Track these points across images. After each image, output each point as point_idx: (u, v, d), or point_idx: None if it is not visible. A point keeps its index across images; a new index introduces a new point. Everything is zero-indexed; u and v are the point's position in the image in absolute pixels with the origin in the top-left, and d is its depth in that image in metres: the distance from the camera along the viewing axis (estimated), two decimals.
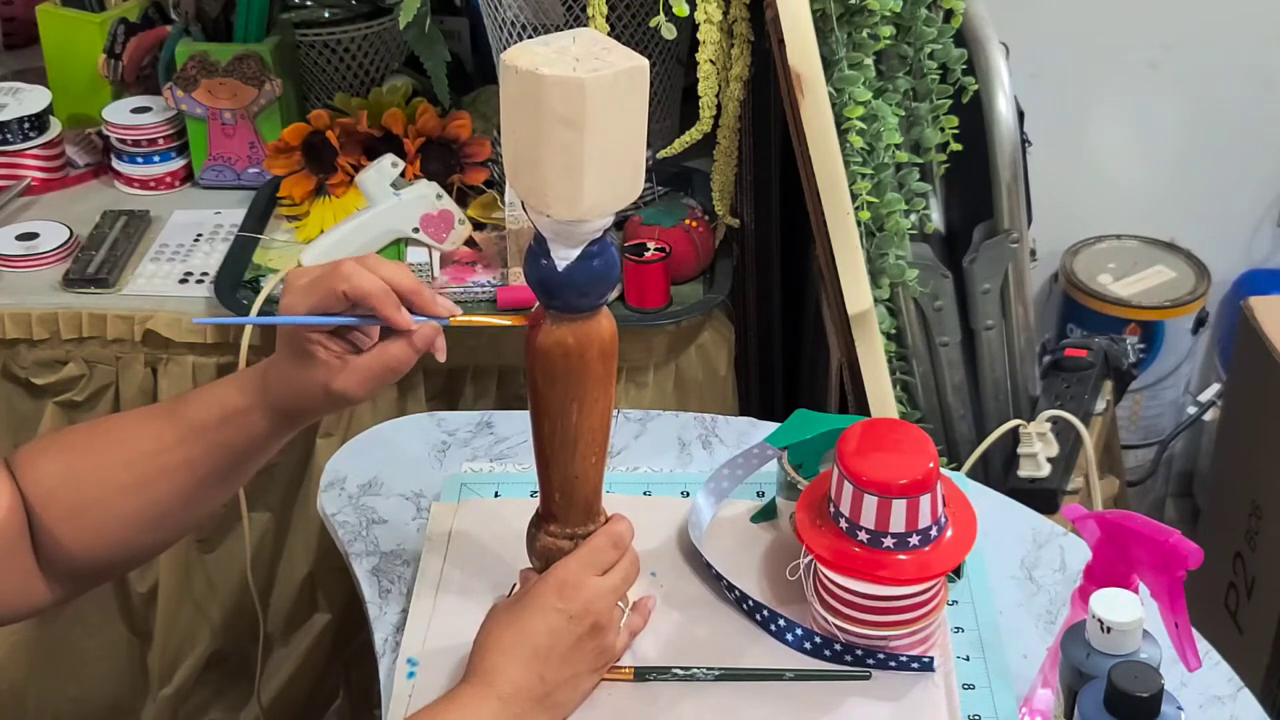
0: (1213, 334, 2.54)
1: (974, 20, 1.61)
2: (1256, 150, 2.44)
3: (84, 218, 1.84)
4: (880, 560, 1.06)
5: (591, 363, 1.02)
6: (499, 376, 1.69)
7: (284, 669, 1.86)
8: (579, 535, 1.08)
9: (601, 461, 1.08)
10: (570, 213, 0.96)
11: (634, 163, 0.97)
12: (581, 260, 0.98)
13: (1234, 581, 1.96)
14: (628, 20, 1.68)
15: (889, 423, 1.14)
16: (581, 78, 0.91)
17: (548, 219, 0.97)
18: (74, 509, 1.07)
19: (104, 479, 1.08)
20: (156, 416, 1.10)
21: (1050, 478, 1.68)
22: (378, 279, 1.01)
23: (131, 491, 1.08)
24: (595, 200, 0.95)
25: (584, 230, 0.97)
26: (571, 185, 0.94)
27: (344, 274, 1.01)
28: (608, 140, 0.93)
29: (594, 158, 0.93)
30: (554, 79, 0.91)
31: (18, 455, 1.09)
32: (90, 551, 1.09)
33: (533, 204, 0.98)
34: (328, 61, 1.94)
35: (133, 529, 1.09)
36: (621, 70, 0.92)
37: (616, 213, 0.98)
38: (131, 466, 1.08)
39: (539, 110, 0.92)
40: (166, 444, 1.07)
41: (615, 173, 0.96)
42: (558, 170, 0.94)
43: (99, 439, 1.11)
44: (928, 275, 1.61)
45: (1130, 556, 1.00)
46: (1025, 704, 1.08)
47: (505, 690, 1.01)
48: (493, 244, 1.72)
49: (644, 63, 0.93)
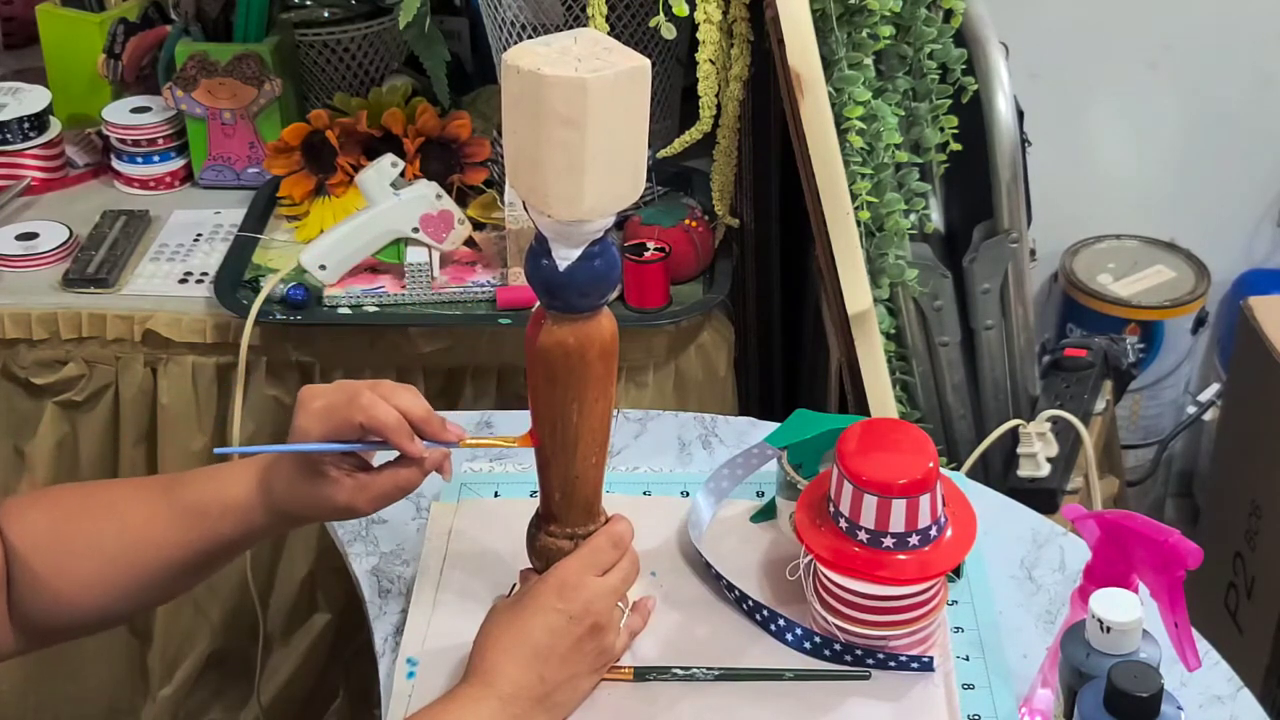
0: (1212, 334, 2.54)
1: (974, 20, 1.61)
2: (1256, 150, 2.44)
3: (84, 217, 1.84)
4: (880, 560, 1.06)
5: (592, 363, 1.02)
6: (499, 376, 1.69)
7: (284, 669, 1.86)
8: (579, 535, 1.08)
9: (602, 462, 1.07)
10: (571, 213, 0.96)
11: (635, 163, 0.97)
12: (582, 260, 0.98)
13: (1234, 581, 1.96)
14: (627, 20, 1.68)
15: (889, 423, 1.14)
16: (584, 78, 0.91)
17: (548, 219, 0.97)
18: (58, 568, 1.07)
19: (92, 543, 1.08)
20: (153, 491, 1.11)
21: (1050, 478, 1.68)
22: (394, 412, 1.04)
23: (118, 560, 1.08)
24: (596, 201, 0.95)
25: (585, 230, 0.97)
26: (572, 185, 0.94)
27: (361, 405, 1.04)
28: (609, 140, 0.93)
29: (595, 158, 0.93)
30: (556, 79, 0.91)
31: (6, 504, 1.09)
32: (64, 610, 1.09)
33: (533, 204, 0.97)
34: (327, 61, 1.94)
35: (111, 596, 1.09)
36: (623, 70, 0.92)
37: (617, 213, 0.98)
38: (121, 536, 1.09)
39: (540, 110, 0.92)
40: (160, 522, 1.09)
41: (616, 173, 0.96)
42: (558, 170, 0.94)
43: (92, 502, 1.11)
44: (927, 275, 1.61)
45: (1130, 556, 1.00)
46: (1025, 704, 1.08)
47: (505, 690, 1.01)
48: (492, 244, 1.72)
49: (645, 63, 0.93)
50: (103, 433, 1.74)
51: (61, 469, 1.74)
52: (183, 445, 1.71)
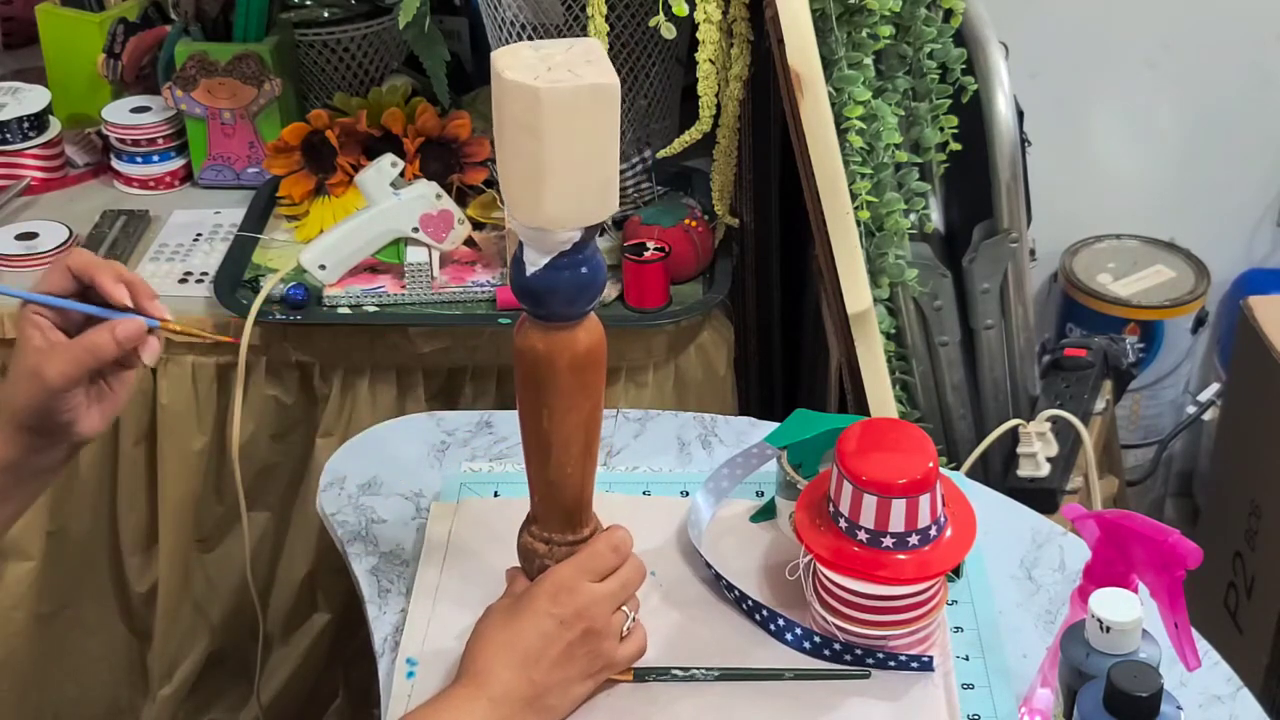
0: (1212, 333, 2.54)
1: (973, 20, 1.61)
2: (1256, 150, 2.44)
3: (83, 217, 1.84)
4: (879, 560, 1.06)
5: (561, 372, 1.02)
6: (498, 376, 1.69)
7: (283, 669, 1.86)
8: (554, 541, 1.08)
9: (580, 473, 1.07)
10: (533, 219, 0.96)
11: (601, 180, 0.96)
12: (550, 269, 0.98)
13: (1233, 581, 1.96)
14: (627, 20, 1.67)
15: (888, 422, 1.14)
16: (537, 87, 0.91)
17: (516, 222, 0.98)
18: None
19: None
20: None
21: (1050, 477, 1.68)
22: (99, 259, 1.08)
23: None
24: (557, 211, 0.95)
25: (552, 240, 0.97)
26: (532, 192, 0.95)
27: (78, 251, 1.08)
28: (569, 153, 0.93)
29: (554, 169, 0.93)
30: (513, 84, 0.92)
31: None
32: None
33: (507, 206, 0.98)
34: (327, 61, 1.94)
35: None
36: (584, 85, 0.92)
37: (587, 226, 0.98)
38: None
39: (504, 113, 0.93)
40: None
41: (579, 187, 0.95)
42: (521, 175, 0.95)
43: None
44: (927, 275, 1.61)
45: (1130, 556, 1.00)
46: (1024, 703, 1.08)
47: (495, 692, 1.01)
48: (492, 243, 1.72)
49: (614, 82, 0.93)
50: (102, 433, 1.73)
51: None
52: (183, 445, 1.71)
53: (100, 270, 1.07)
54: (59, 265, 1.07)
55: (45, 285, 1.07)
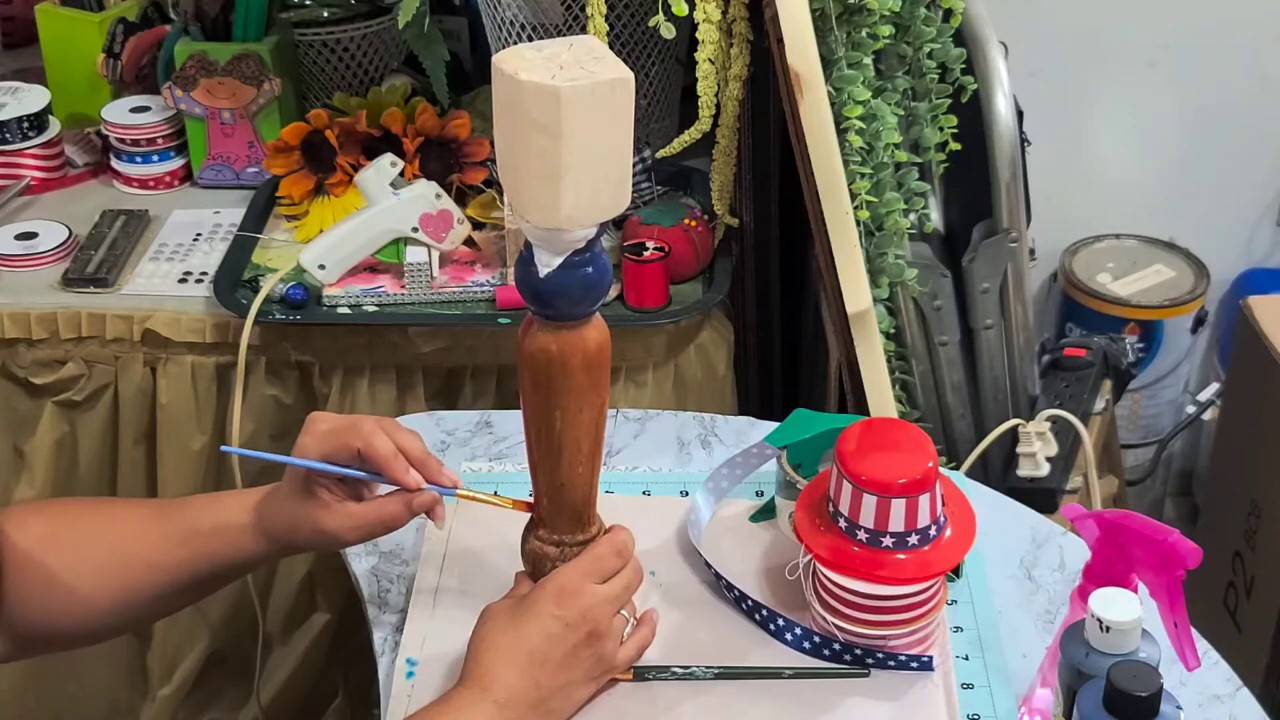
0: (1212, 333, 2.54)
1: (973, 20, 1.61)
2: (1256, 149, 2.44)
3: (83, 217, 1.84)
4: (879, 560, 1.06)
5: (575, 372, 1.02)
6: (498, 376, 1.69)
7: (283, 669, 1.86)
8: (565, 543, 1.08)
9: (589, 472, 1.07)
10: (548, 220, 0.95)
11: (617, 175, 0.96)
12: (564, 269, 0.98)
13: (1233, 581, 1.96)
14: (627, 20, 1.68)
15: (888, 422, 1.14)
16: (558, 86, 0.90)
17: (529, 224, 0.97)
18: (47, 575, 1.08)
19: (84, 553, 1.09)
20: (151, 508, 1.13)
21: (1049, 477, 1.68)
22: (390, 443, 1.07)
23: (108, 572, 1.09)
24: (574, 210, 0.95)
25: (566, 239, 0.97)
26: (549, 192, 0.94)
27: (361, 432, 1.07)
28: (587, 151, 0.93)
29: (572, 167, 0.93)
30: (531, 85, 0.91)
31: (7, 511, 1.10)
32: (50, 619, 1.09)
33: (516, 208, 0.98)
34: (327, 61, 1.94)
35: (98, 609, 1.10)
36: (602, 81, 0.91)
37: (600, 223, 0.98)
38: (114, 549, 1.10)
39: (517, 115, 0.92)
40: (154, 537, 1.10)
41: (596, 184, 0.95)
42: (536, 176, 0.94)
43: (89, 514, 1.13)
44: (927, 274, 1.61)
45: (1129, 556, 1.00)
46: (1024, 703, 1.08)
47: (501, 695, 1.01)
48: (492, 243, 1.72)
49: (629, 75, 0.93)
50: (102, 432, 1.74)
51: (61, 469, 1.74)
52: (182, 445, 1.71)
53: (392, 466, 1.07)
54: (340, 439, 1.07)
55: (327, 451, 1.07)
